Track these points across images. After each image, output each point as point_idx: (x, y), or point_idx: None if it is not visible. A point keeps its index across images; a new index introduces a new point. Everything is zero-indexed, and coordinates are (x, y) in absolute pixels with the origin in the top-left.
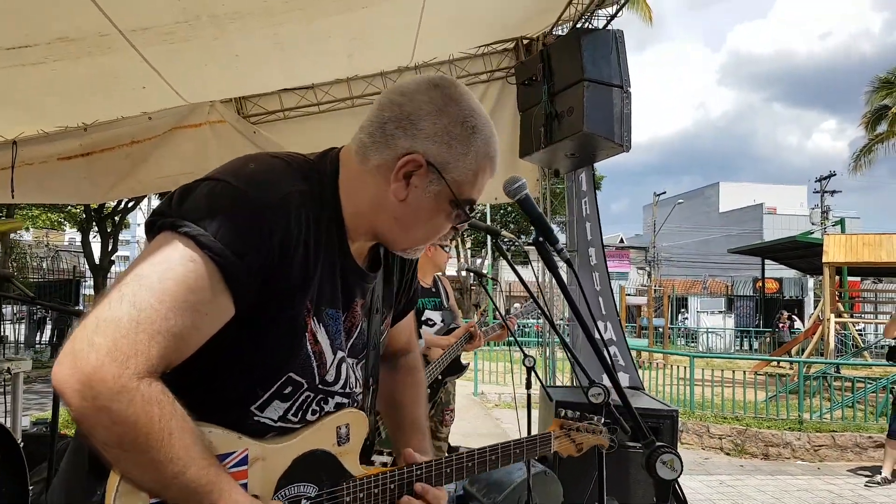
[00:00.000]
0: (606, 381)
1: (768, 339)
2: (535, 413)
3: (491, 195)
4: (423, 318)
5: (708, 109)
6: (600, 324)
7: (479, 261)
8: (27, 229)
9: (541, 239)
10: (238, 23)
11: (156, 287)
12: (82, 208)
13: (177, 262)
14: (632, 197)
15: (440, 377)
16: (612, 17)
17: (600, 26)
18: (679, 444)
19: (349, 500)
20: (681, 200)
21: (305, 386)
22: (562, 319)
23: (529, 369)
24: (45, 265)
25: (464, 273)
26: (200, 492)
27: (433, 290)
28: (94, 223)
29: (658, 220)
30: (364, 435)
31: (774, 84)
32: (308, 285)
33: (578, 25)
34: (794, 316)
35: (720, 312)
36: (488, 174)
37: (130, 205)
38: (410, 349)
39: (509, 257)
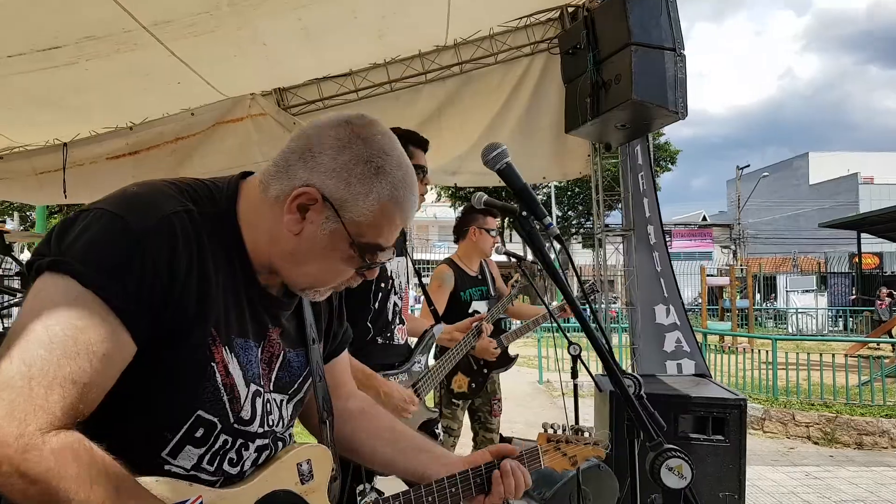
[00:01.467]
0: (671, 369)
1: (866, 318)
2: (590, 402)
3: (538, 174)
4: (469, 311)
5: (793, 77)
6: (661, 307)
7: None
8: None
9: (524, 213)
10: (259, 9)
11: (42, 337)
12: None
13: (61, 304)
14: (713, 172)
15: (486, 371)
16: None
17: None
18: (762, 433)
19: None
20: (766, 173)
21: (219, 427)
22: (629, 305)
23: (575, 357)
24: None
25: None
26: None
27: (479, 277)
28: None
29: (742, 196)
30: (329, 470)
31: (868, 45)
32: (208, 309)
33: None
34: (894, 293)
35: (811, 291)
36: (396, 221)
37: None
38: (354, 392)
39: (526, 237)
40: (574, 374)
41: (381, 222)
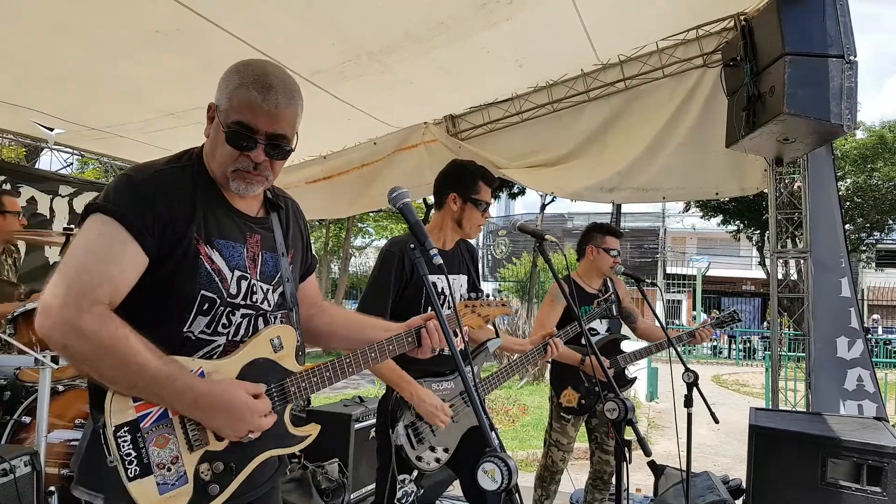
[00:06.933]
0: (851, 409)
1: None
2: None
3: (710, 189)
4: (587, 328)
5: None
6: (843, 340)
7: None
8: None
9: (412, 245)
10: (394, 55)
11: (87, 247)
12: None
13: (93, 227)
14: None
15: (596, 388)
16: None
17: None
18: None
19: (294, 389)
20: None
21: (218, 301)
22: (799, 333)
23: (690, 385)
24: None
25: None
26: (166, 378)
27: (599, 295)
28: None
29: None
30: (294, 342)
31: None
32: (191, 223)
33: None
34: None
35: None
36: (249, 103)
37: None
38: (321, 303)
39: (551, 261)
40: (688, 403)
41: (237, 104)
